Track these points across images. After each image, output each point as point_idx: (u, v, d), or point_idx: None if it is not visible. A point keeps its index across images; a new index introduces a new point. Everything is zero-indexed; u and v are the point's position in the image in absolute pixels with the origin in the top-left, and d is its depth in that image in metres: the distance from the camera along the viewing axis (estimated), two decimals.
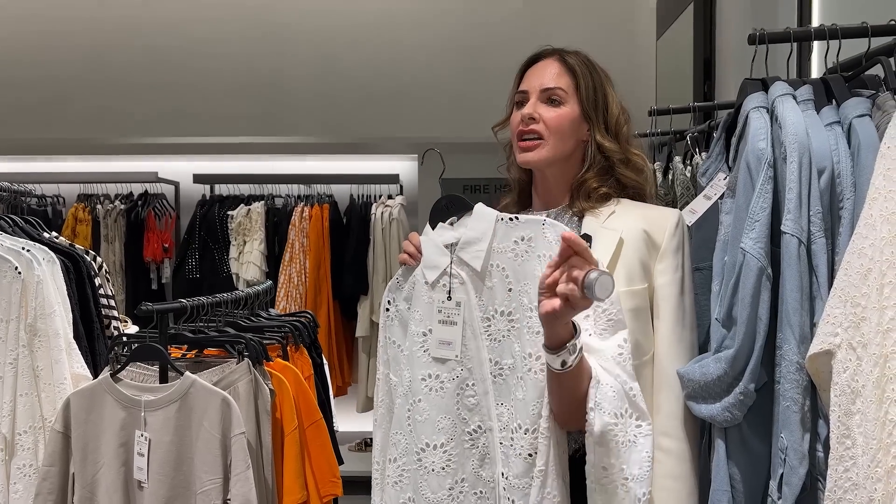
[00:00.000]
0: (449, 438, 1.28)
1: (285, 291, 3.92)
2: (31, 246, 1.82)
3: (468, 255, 1.29)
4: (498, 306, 1.26)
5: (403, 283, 1.37)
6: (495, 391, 1.26)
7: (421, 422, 1.29)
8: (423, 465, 1.29)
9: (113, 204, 4.22)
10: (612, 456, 1.13)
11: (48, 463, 1.65)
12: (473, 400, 1.27)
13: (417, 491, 1.30)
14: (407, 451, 1.32)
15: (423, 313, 1.32)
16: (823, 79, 1.31)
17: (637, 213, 1.35)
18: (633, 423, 1.16)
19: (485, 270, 1.27)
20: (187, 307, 1.79)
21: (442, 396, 1.28)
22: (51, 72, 4.02)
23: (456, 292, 1.29)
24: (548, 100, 1.37)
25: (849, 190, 1.18)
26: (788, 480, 1.14)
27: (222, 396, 1.62)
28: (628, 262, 1.30)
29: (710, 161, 1.46)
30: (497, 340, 1.26)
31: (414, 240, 1.36)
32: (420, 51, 3.94)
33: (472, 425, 1.28)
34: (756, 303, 1.17)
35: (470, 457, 1.28)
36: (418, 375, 1.30)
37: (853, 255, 1.01)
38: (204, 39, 4.02)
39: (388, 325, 1.39)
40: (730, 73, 2.73)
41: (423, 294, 1.32)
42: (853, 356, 1.00)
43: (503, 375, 1.26)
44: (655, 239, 1.32)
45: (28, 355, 1.74)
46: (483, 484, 1.27)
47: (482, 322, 1.27)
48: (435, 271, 1.31)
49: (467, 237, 1.29)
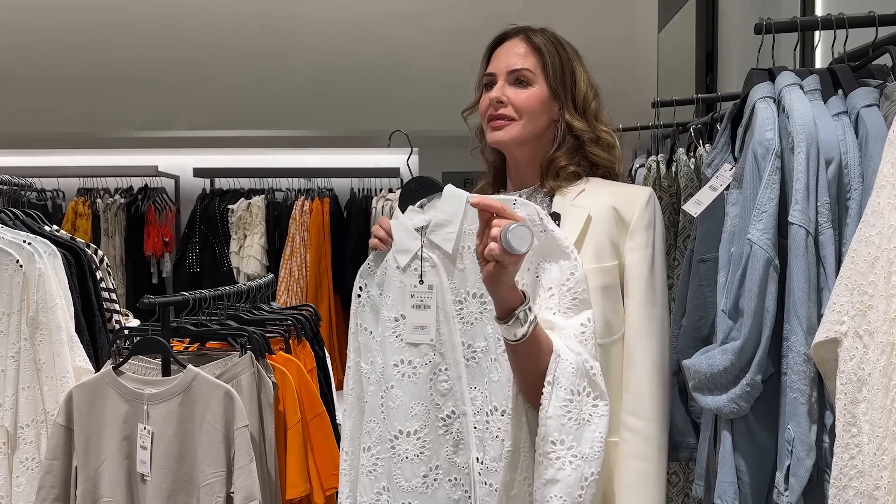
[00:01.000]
0: (423, 425, 1.27)
1: (286, 285, 3.91)
2: (33, 239, 1.82)
3: (439, 238, 1.27)
4: (470, 288, 1.25)
5: (375, 268, 1.36)
6: (469, 375, 1.25)
7: (394, 409, 1.28)
8: (396, 453, 1.28)
9: (113, 198, 4.21)
10: (562, 432, 1.12)
11: (51, 456, 1.65)
12: (447, 385, 1.26)
13: (392, 480, 1.29)
14: (381, 439, 1.30)
15: (395, 298, 1.30)
16: (831, 68, 1.31)
17: (607, 191, 1.34)
18: (591, 401, 1.15)
19: (456, 253, 1.26)
20: (189, 300, 1.78)
21: (415, 382, 1.27)
22: (50, 66, 4.01)
23: (428, 275, 1.28)
24: (515, 81, 1.35)
25: (856, 180, 1.17)
26: (795, 472, 1.14)
27: (225, 389, 1.61)
28: (597, 239, 1.29)
29: (716, 152, 1.45)
30: (469, 323, 1.25)
31: (384, 224, 1.34)
32: (421, 44, 3.93)
33: (445, 411, 1.26)
34: (763, 294, 1.17)
35: (444, 443, 1.27)
36: (391, 361, 1.29)
37: (860, 244, 1.01)
38: (204, 33, 4.01)
39: (359, 312, 1.37)
40: (732, 64, 2.72)
41: (395, 279, 1.31)
42: (860, 344, 1.00)
43: (476, 359, 1.25)
44: (625, 216, 1.31)
45: (30, 348, 1.73)
46: (457, 470, 1.26)
47: (454, 305, 1.26)
48: (406, 255, 1.30)
49: (437, 219, 1.28)
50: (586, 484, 1.12)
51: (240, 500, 1.57)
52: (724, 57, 2.84)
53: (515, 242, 1.05)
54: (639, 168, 2.44)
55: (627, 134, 2.78)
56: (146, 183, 4.25)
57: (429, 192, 1.30)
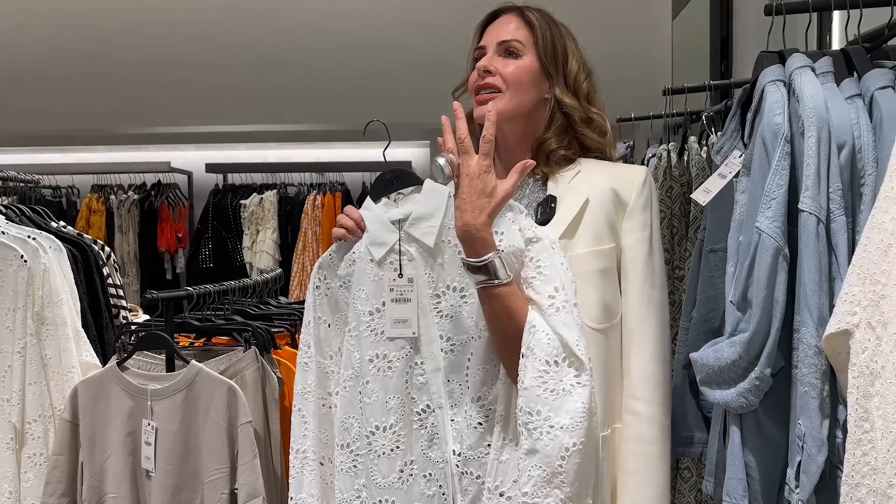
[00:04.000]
0: (398, 419, 1.25)
1: (299, 280, 3.91)
2: (38, 234, 1.82)
3: (419, 232, 1.26)
4: (450, 282, 1.24)
5: (338, 260, 1.33)
6: (447, 367, 1.24)
7: (370, 404, 1.27)
8: (372, 449, 1.27)
9: (126, 194, 4.23)
10: (539, 403, 1.11)
11: (57, 452, 1.65)
12: (422, 379, 1.25)
13: (369, 477, 1.27)
14: (359, 435, 1.29)
15: (369, 291, 1.28)
16: (844, 50, 1.26)
17: (603, 171, 1.31)
18: (571, 371, 1.12)
19: (436, 247, 1.25)
20: (193, 295, 1.78)
21: (390, 377, 1.26)
22: (64, 64, 4.02)
23: (406, 269, 1.26)
24: (505, 52, 1.33)
25: (870, 165, 1.13)
26: (806, 468, 1.10)
27: (228, 385, 1.60)
28: (595, 222, 1.27)
29: (725, 138, 1.41)
30: (448, 317, 1.24)
31: (352, 214, 1.32)
32: (431, 37, 3.89)
33: (420, 405, 1.25)
34: (772, 284, 1.13)
35: (418, 437, 1.25)
36: (366, 356, 1.27)
37: (873, 231, 0.97)
38: (216, 28, 4.00)
39: (317, 304, 1.35)
40: (747, 52, 2.67)
41: (370, 272, 1.28)
42: (872, 336, 0.96)
43: (455, 352, 1.23)
44: (623, 196, 1.29)
45: (36, 344, 1.73)
46: (431, 465, 1.24)
47: (431, 299, 1.25)
48: (382, 248, 1.28)
49: (418, 213, 1.26)
50: (567, 455, 1.10)
51: (243, 496, 1.56)
52: (738, 44, 2.79)
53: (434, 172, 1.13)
54: (650, 157, 2.39)
55: (641, 123, 2.74)
56: (159, 179, 4.27)
57: (406, 184, 1.28)
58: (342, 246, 1.33)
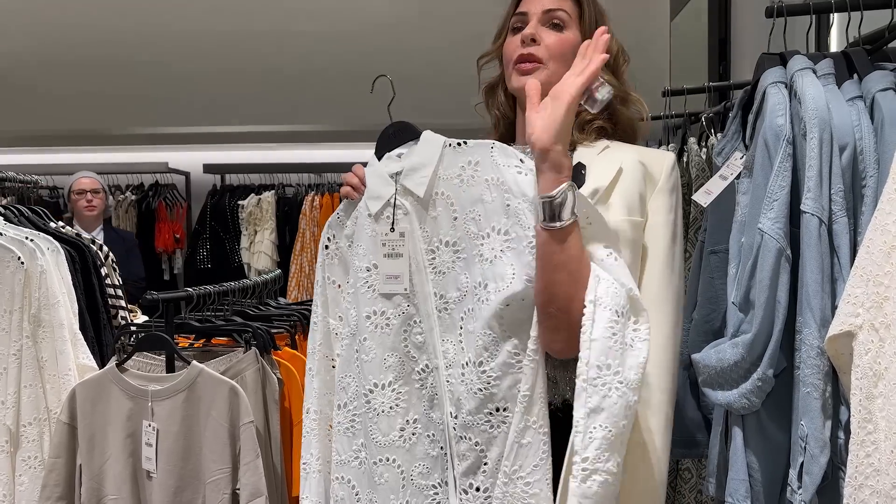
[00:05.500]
0: (397, 376, 1.21)
1: (297, 281, 3.91)
2: (35, 235, 1.81)
3: (412, 183, 1.20)
4: (443, 237, 1.18)
5: (345, 218, 1.29)
6: (440, 327, 1.18)
7: (367, 361, 1.22)
8: (371, 407, 1.21)
9: (124, 195, 4.22)
10: (608, 356, 1.01)
11: (54, 454, 1.64)
12: (420, 338, 1.20)
13: (368, 435, 1.23)
14: (357, 394, 1.25)
15: (366, 247, 1.24)
16: (845, 52, 1.26)
17: (632, 149, 1.28)
18: (631, 325, 1.05)
19: (428, 198, 1.19)
20: (193, 296, 1.77)
21: (388, 334, 1.21)
22: (61, 64, 4.01)
23: (399, 223, 1.21)
24: (549, 23, 1.28)
25: (872, 167, 1.13)
26: (809, 469, 1.10)
27: (230, 385, 1.60)
28: (627, 192, 1.21)
29: (726, 140, 1.41)
30: (442, 273, 1.18)
31: (358, 171, 1.28)
32: (430, 37, 3.90)
33: (420, 364, 1.20)
34: (775, 285, 1.13)
35: (420, 398, 1.20)
36: (363, 313, 1.23)
37: (876, 232, 0.97)
38: (214, 29, 3.99)
39: (326, 264, 1.30)
40: (746, 52, 2.67)
41: (367, 227, 1.24)
42: (875, 337, 0.96)
43: (448, 310, 1.18)
44: (653, 173, 1.24)
45: (32, 346, 1.72)
46: (434, 426, 1.20)
47: (426, 254, 1.20)
48: (378, 202, 1.23)
49: (412, 163, 1.21)
50: (629, 413, 1.02)
51: (246, 496, 1.56)
52: (737, 45, 2.79)
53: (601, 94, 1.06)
54: None
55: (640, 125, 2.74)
56: (157, 179, 4.27)
57: (408, 138, 1.23)
58: (349, 204, 1.29)
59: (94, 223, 3.64)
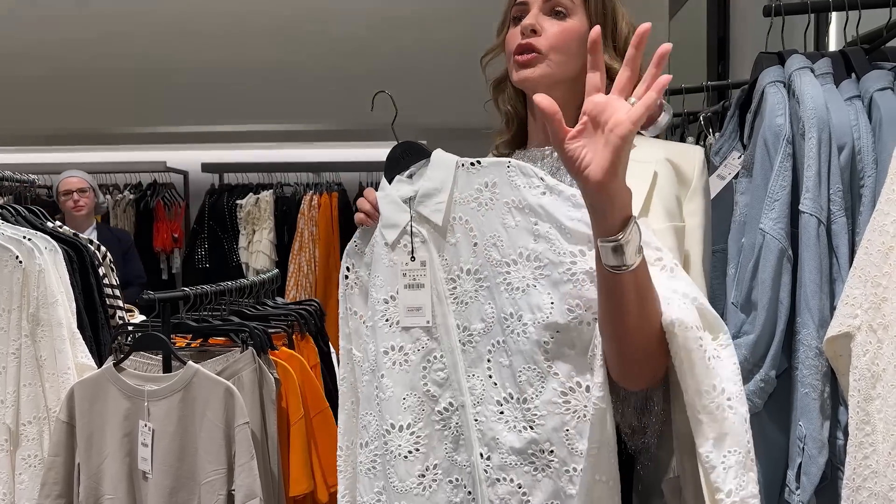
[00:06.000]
0: (416, 418, 1.13)
1: (295, 280, 3.90)
2: (33, 235, 1.80)
3: (428, 210, 1.13)
4: (463, 265, 1.11)
5: (363, 246, 1.23)
6: (465, 361, 1.11)
7: (385, 400, 1.15)
8: (388, 450, 1.15)
9: (122, 194, 4.22)
10: (708, 376, 0.93)
11: (53, 453, 1.64)
12: (443, 374, 1.13)
13: (387, 479, 1.17)
14: (377, 434, 1.18)
15: (384, 278, 1.17)
16: (843, 51, 1.26)
17: (658, 146, 1.18)
18: (709, 336, 0.97)
19: (446, 225, 1.12)
20: (190, 296, 1.77)
21: (406, 371, 1.14)
22: (58, 63, 4.01)
23: (419, 251, 1.14)
24: (551, 11, 1.18)
25: (870, 167, 1.13)
26: (807, 470, 1.10)
27: (225, 386, 1.59)
28: (665, 197, 1.12)
29: (724, 140, 1.41)
30: (464, 303, 1.11)
31: (370, 196, 1.20)
32: (428, 36, 3.89)
33: (442, 403, 1.13)
34: (777, 286, 1.13)
35: (442, 440, 1.13)
36: (381, 348, 1.16)
37: (874, 233, 0.97)
38: (212, 28, 3.99)
39: (348, 295, 1.25)
40: (745, 52, 2.67)
41: (384, 256, 1.18)
42: (873, 338, 0.96)
43: (473, 343, 1.10)
44: (685, 172, 1.15)
45: (31, 345, 1.72)
46: (458, 470, 1.12)
47: (447, 284, 1.13)
48: (394, 230, 1.16)
49: (425, 189, 1.14)
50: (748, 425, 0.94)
51: (240, 498, 1.55)
52: (735, 44, 2.79)
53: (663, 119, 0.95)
54: None
55: None
56: (155, 179, 4.26)
57: (417, 158, 1.17)
58: (366, 231, 1.22)
59: (84, 223, 3.56)
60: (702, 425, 0.93)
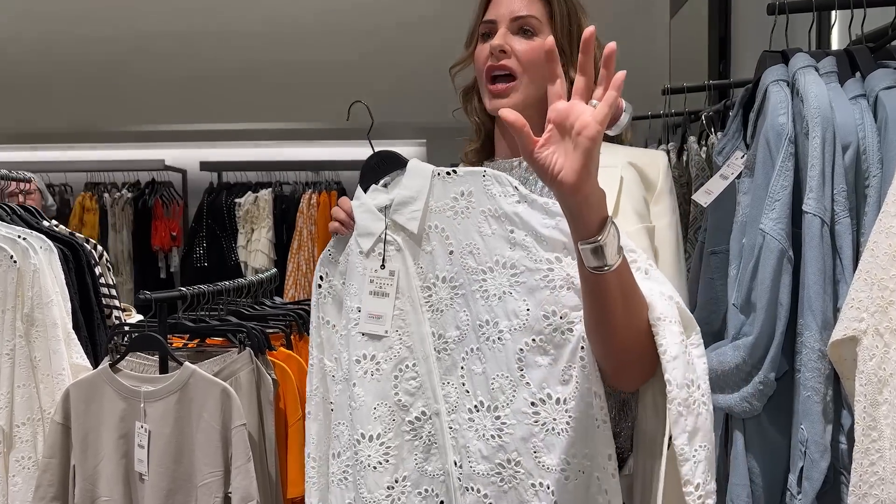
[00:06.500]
0: (386, 429, 1.14)
1: (294, 279, 3.89)
2: (28, 234, 1.79)
3: (403, 218, 1.14)
4: (439, 272, 1.12)
5: (337, 255, 1.23)
6: (440, 369, 1.11)
7: (356, 409, 1.15)
8: (359, 460, 1.15)
9: (120, 192, 4.20)
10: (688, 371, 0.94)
11: (48, 455, 1.62)
12: (415, 383, 1.13)
13: (357, 490, 1.15)
14: (349, 443, 1.18)
15: (357, 286, 1.18)
16: (848, 50, 1.24)
17: (621, 151, 1.22)
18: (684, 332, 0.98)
19: (422, 233, 1.13)
20: (187, 296, 1.75)
21: (378, 380, 1.14)
22: (56, 61, 3.99)
23: (392, 260, 1.15)
24: (519, 30, 1.21)
25: (875, 166, 1.12)
26: (809, 474, 1.09)
27: (222, 387, 1.58)
28: (634, 200, 1.16)
29: (727, 139, 1.39)
30: (439, 311, 1.12)
31: (344, 205, 1.21)
32: (427, 34, 3.87)
33: (413, 413, 1.13)
34: (776, 287, 1.11)
35: (412, 450, 1.13)
36: (353, 357, 1.16)
37: (880, 235, 0.95)
38: (210, 26, 3.97)
39: (321, 304, 1.24)
40: (746, 51, 2.65)
41: (358, 265, 1.18)
42: (880, 342, 0.94)
43: (448, 350, 1.11)
44: (650, 176, 1.19)
45: (25, 346, 1.70)
46: (428, 480, 1.13)
47: (422, 292, 1.13)
48: (369, 238, 1.17)
49: (401, 197, 1.15)
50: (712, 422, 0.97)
51: (237, 500, 1.54)
52: (737, 43, 2.77)
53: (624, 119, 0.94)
54: None
55: (638, 123, 2.72)
56: (153, 177, 4.24)
57: (393, 167, 1.18)
58: (340, 240, 1.23)
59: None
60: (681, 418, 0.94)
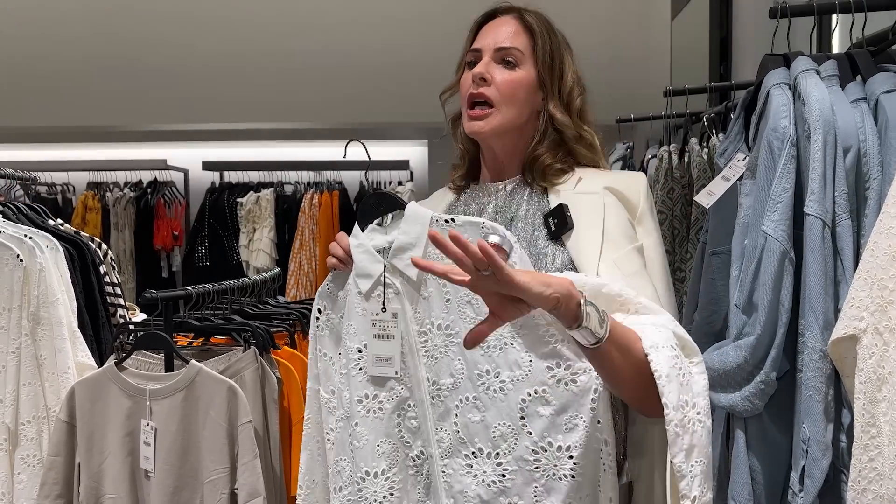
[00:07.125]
0: (391, 464, 1.16)
1: (295, 279, 3.90)
2: (34, 233, 1.80)
3: (402, 264, 1.16)
4: (434, 319, 1.14)
5: (336, 290, 1.25)
6: (434, 414, 1.14)
7: (359, 448, 1.17)
8: (363, 496, 1.17)
9: (122, 192, 4.21)
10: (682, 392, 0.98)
11: (53, 453, 1.63)
12: (415, 422, 1.16)
13: None
14: (350, 480, 1.19)
15: (357, 327, 1.20)
16: (849, 53, 1.26)
17: (603, 178, 1.25)
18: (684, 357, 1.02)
19: (420, 279, 1.15)
20: (192, 295, 1.76)
21: (381, 419, 1.17)
22: (59, 59, 4.00)
23: (391, 303, 1.17)
24: (502, 60, 1.24)
25: (875, 169, 1.13)
26: (810, 472, 1.10)
27: (228, 385, 1.59)
28: (621, 222, 1.18)
29: (729, 141, 1.41)
30: (434, 358, 1.14)
31: (342, 241, 1.23)
32: (429, 34, 3.88)
33: (415, 450, 1.16)
34: (778, 288, 1.13)
35: (415, 485, 1.16)
36: (355, 397, 1.18)
37: (880, 235, 0.97)
38: (212, 25, 3.98)
39: (318, 336, 1.26)
40: (747, 52, 2.67)
41: (357, 305, 1.20)
42: (879, 341, 0.96)
43: (441, 397, 1.13)
44: (631, 199, 1.21)
45: (31, 344, 1.71)
46: None
47: (418, 336, 1.15)
48: (368, 280, 1.19)
49: (400, 242, 1.17)
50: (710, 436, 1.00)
51: (244, 496, 1.55)
52: (738, 45, 2.79)
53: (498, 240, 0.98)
54: (650, 159, 2.39)
55: (639, 124, 2.74)
56: (155, 176, 4.25)
57: (390, 209, 1.20)
58: (339, 276, 1.25)
59: None
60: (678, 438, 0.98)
